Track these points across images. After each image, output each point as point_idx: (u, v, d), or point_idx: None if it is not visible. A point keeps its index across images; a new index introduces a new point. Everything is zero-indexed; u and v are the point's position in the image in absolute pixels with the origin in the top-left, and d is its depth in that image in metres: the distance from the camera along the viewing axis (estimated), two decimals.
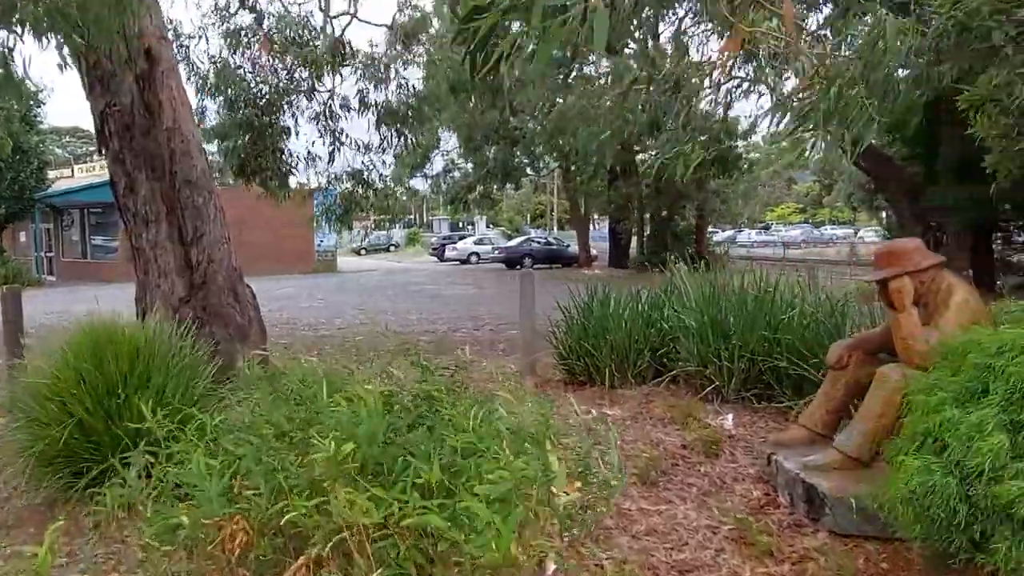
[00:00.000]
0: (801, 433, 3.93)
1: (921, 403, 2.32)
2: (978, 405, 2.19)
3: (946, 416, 2.20)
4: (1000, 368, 2.22)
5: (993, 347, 2.30)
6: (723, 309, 5.62)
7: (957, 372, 2.45)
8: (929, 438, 2.25)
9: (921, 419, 2.29)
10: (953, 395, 2.28)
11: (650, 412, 5.35)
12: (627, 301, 6.44)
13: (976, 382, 2.26)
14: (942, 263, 3.47)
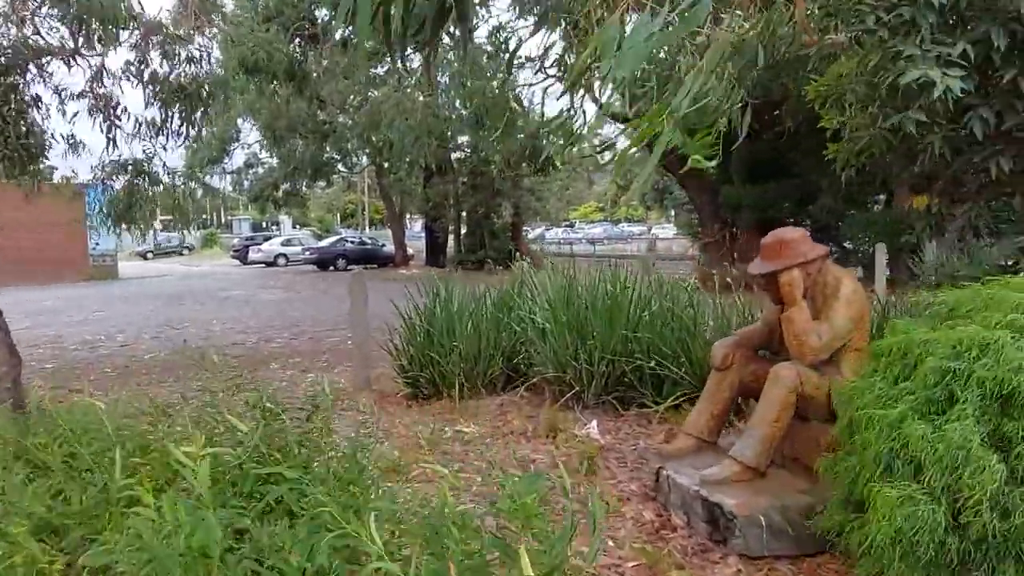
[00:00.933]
0: (687, 442, 3.61)
1: (879, 418, 1.98)
2: (948, 418, 1.90)
3: (914, 433, 1.88)
4: (964, 372, 1.94)
5: (947, 349, 2.03)
6: (579, 308, 5.25)
7: (901, 377, 2.16)
8: (897, 460, 1.91)
9: (882, 437, 1.95)
10: (913, 407, 1.97)
11: (509, 426, 4.83)
12: (473, 302, 5.88)
13: (938, 390, 1.97)
14: (827, 253, 3.30)
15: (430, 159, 21.06)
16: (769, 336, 3.61)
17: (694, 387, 4.81)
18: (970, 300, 2.31)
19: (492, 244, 24.46)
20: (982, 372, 1.91)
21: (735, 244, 16.96)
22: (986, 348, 1.96)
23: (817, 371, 3.20)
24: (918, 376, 2.06)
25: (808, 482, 3.18)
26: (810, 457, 3.24)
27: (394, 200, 29.64)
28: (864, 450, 2.04)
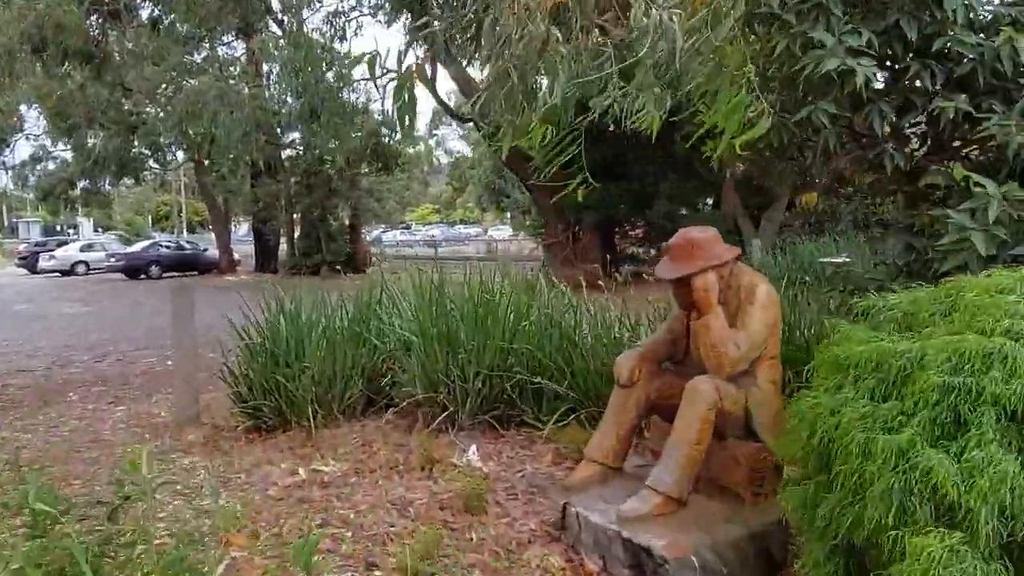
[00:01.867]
0: (591, 470, 3.19)
1: (883, 445, 1.63)
2: (966, 444, 1.59)
3: (936, 464, 1.55)
4: (971, 389, 1.65)
5: (943, 361, 1.73)
6: (449, 318, 4.69)
7: (879, 394, 1.85)
8: (913, 498, 1.56)
9: (885, 468, 1.61)
10: (918, 431, 1.64)
11: (376, 459, 4.16)
12: (323, 313, 5.11)
13: (942, 410, 1.66)
14: (740, 255, 3.02)
15: (258, 156, 19.40)
16: (673, 346, 3.28)
17: (578, 401, 4.45)
18: (929, 305, 2.06)
19: (330, 247, 23.08)
20: (996, 388, 1.62)
21: (578, 244, 17.23)
22: (989, 360, 1.69)
23: (734, 384, 2.90)
24: (911, 394, 1.75)
25: (730, 507, 2.88)
26: (729, 478, 2.95)
27: (218, 200, 27.12)
28: (862, 485, 1.69)
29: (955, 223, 2.75)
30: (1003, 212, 2.67)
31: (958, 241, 2.76)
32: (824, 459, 1.91)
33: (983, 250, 2.66)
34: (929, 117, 3.16)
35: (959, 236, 2.76)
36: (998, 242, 2.66)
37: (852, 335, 2.13)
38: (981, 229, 2.70)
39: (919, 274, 3.32)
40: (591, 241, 17.08)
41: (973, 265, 2.74)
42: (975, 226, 2.71)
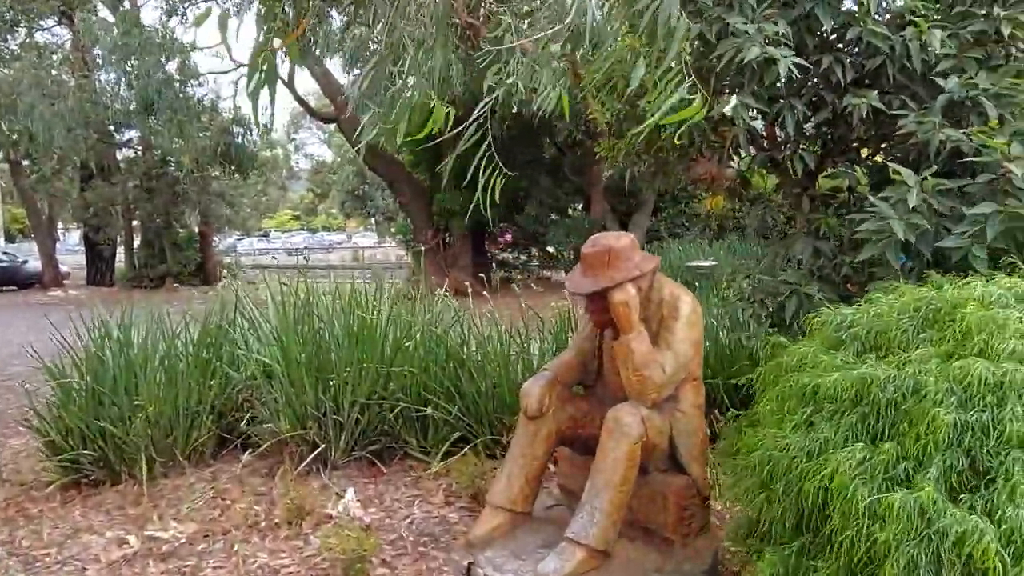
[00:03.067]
0: (497, 519, 2.71)
1: (895, 505, 1.29)
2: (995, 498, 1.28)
3: (970, 530, 1.22)
4: (988, 427, 1.35)
5: (944, 393, 1.43)
6: (318, 340, 4.05)
7: (865, 432, 1.53)
8: (944, 572, 1.23)
9: (904, 534, 1.27)
10: (936, 484, 1.31)
11: (231, 515, 3.45)
12: (163, 338, 4.28)
13: (953, 453, 1.35)
14: (659, 264, 2.67)
15: (88, 156, 17.24)
16: (584, 368, 2.89)
17: (468, 427, 3.98)
18: (898, 320, 1.78)
19: (176, 257, 21.00)
20: (1019, 426, 1.33)
21: (448, 251, 16.77)
22: (1001, 391, 1.40)
23: (658, 411, 2.55)
24: (914, 435, 1.43)
25: (659, 553, 2.52)
26: (656, 519, 2.59)
27: (39, 206, 23.92)
28: (872, 555, 1.34)
29: (877, 211, 2.56)
30: (922, 202, 2.51)
31: (877, 229, 2.58)
32: (807, 516, 1.55)
33: (901, 235, 2.49)
34: (837, 115, 3.00)
35: (878, 224, 2.58)
36: (919, 231, 2.50)
37: (812, 358, 1.80)
38: (900, 217, 2.52)
39: (828, 278, 3.16)
40: (462, 247, 16.67)
41: (890, 254, 2.57)
42: (895, 215, 2.53)
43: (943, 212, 2.48)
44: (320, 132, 48.25)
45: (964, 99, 2.71)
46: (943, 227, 2.49)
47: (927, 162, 2.63)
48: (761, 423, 1.96)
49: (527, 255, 18.31)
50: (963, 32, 2.79)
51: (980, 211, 2.35)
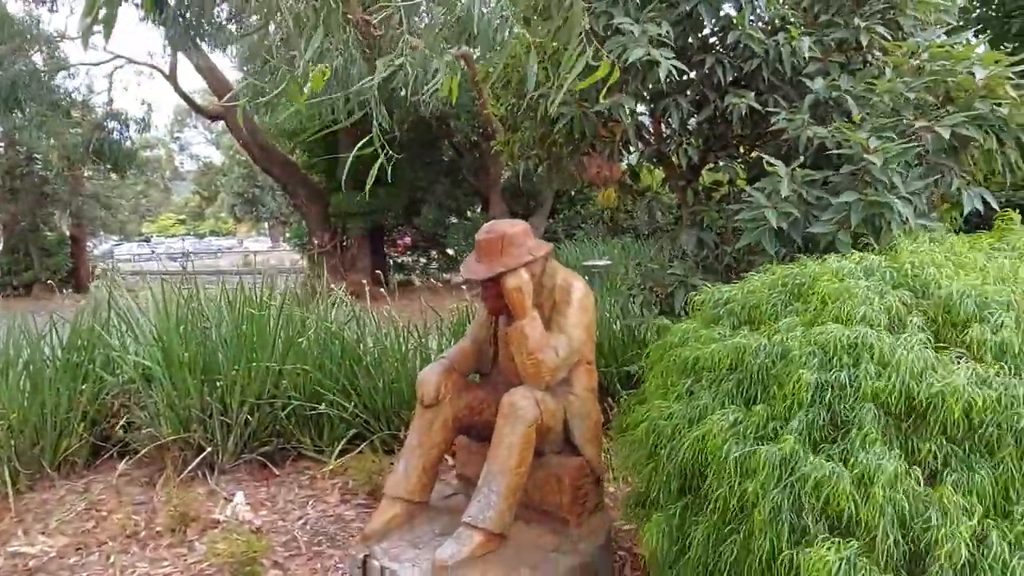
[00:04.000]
0: (394, 510, 2.66)
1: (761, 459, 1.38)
2: (850, 447, 1.39)
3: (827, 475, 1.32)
4: (845, 385, 1.47)
5: (809, 357, 1.54)
6: (203, 340, 3.86)
7: (740, 397, 1.63)
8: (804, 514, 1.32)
9: (769, 484, 1.35)
10: (798, 437, 1.41)
11: (107, 526, 3.22)
12: (26, 343, 3.94)
13: (817, 410, 1.46)
14: (552, 250, 2.72)
15: None
16: (480, 356, 2.91)
17: (365, 424, 3.91)
18: (768, 295, 1.91)
19: (45, 263, 19.37)
20: (871, 383, 1.45)
21: (345, 254, 16.40)
22: (856, 352, 1.53)
23: (552, 394, 2.60)
24: (781, 396, 1.53)
25: (555, 533, 2.56)
26: (552, 500, 2.64)
27: None
28: (743, 507, 1.42)
29: (753, 201, 2.74)
30: (794, 192, 2.71)
31: (753, 218, 2.75)
32: (688, 478, 1.63)
33: (774, 223, 2.66)
34: (719, 113, 3.18)
35: (754, 213, 2.75)
36: (791, 219, 2.68)
37: (693, 333, 1.90)
38: (773, 206, 2.70)
39: (712, 268, 3.34)
40: (360, 250, 16.34)
41: (766, 241, 2.74)
42: (768, 204, 2.71)
43: (811, 201, 2.68)
44: (207, 132, 45.97)
45: (828, 99, 2.94)
46: (812, 215, 2.69)
47: (797, 156, 2.83)
48: (648, 399, 2.05)
49: (426, 257, 18.18)
50: (827, 39, 3.02)
51: (844, 200, 2.55)
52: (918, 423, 1.43)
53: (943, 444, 1.39)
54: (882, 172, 2.45)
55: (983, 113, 2.56)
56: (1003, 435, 1.36)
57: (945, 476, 1.36)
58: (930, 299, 1.71)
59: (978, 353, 1.52)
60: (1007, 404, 1.38)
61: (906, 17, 3.05)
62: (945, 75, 2.66)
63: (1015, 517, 1.29)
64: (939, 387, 1.41)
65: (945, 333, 1.63)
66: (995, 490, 1.32)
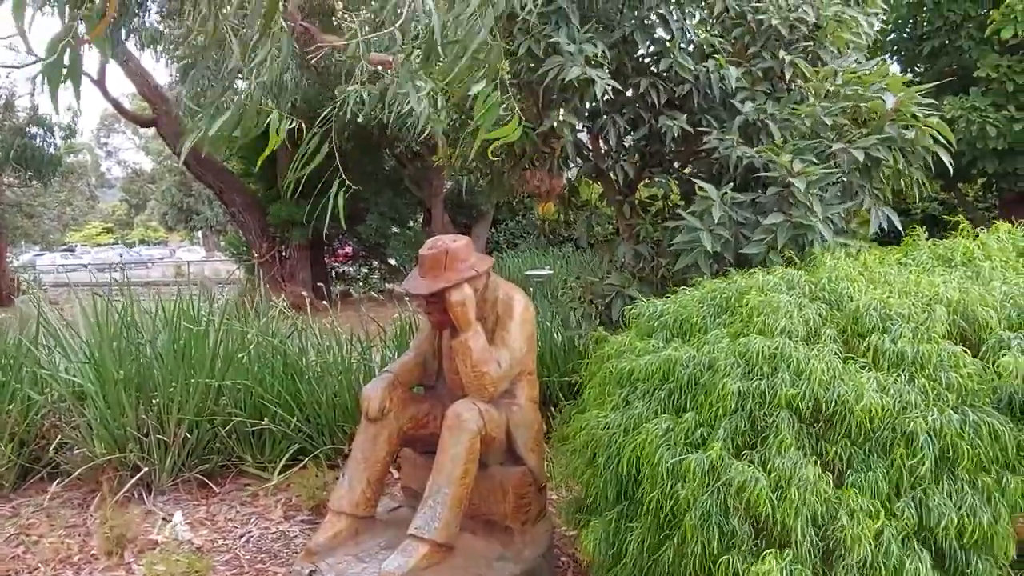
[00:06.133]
0: (339, 525, 2.67)
1: (692, 465, 1.48)
2: (767, 453, 1.50)
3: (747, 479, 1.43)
4: (764, 394, 1.59)
5: (732, 367, 1.66)
6: (138, 356, 3.77)
7: (671, 406, 1.73)
8: (730, 517, 1.43)
9: (700, 490, 1.45)
10: (724, 444, 1.52)
11: (38, 551, 3.11)
12: None
13: (739, 418, 1.57)
14: (493, 265, 2.80)
15: None
16: (423, 368, 2.95)
17: (308, 438, 3.89)
18: (698, 308, 2.03)
19: None
20: (787, 391, 1.58)
21: (285, 264, 16.09)
22: (775, 361, 1.65)
23: (495, 405, 2.67)
24: (708, 404, 1.64)
25: (499, 542, 2.62)
26: (496, 510, 2.70)
27: None
28: (675, 511, 1.52)
29: (687, 225, 2.87)
30: (724, 214, 2.86)
31: (689, 240, 2.89)
32: (624, 484, 1.72)
33: (709, 247, 2.81)
34: (653, 132, 3.32)
35: (690, 236, 2.89)
36: (722, 240, 2.83)
37: (629, 345, 2.00)
38: (707, 229, 2.85)
39: (648, 279, 3.48)
40: (299, 260, 16.06)
41: (702, 262, 2.88)
42: (702, 227, 2.86)
43: (740, 221, 2.83)
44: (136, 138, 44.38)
45: (756, 121, 3.11)
46: (742, 234, 2.84)
47: (728, 174, 2.98)
48: (587, 408, 2.14)
49: (368, 268, 18.01)
50: (755, 69, 3.21)
51: (772, 222, 2.71)
52: (826, 427, 1.56)
53: (847, 446, 1.52)
54: (805, 195, 2.62)
55: (892, 136, 2.76)
56: (896, 438, 1.50)
57: (847, 476, 1.49)
58: (843, 310, 1.86)
59: (879, 362, 1.67)
60: (899, 409, 1.52)
61: (825, 50, 3.27)
62: (858, 99, 2.86)
63: (902, 514, 1.43)
64: (845, 394, 1.54)
65: (854, 343, 1.78)
66: (888, 487, 1.46)
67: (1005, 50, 7.36)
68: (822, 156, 2.79)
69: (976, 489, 1.51)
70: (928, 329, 1.70)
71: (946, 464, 1.53)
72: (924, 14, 8.25)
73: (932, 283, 1.90)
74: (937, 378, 1.62)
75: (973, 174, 7.97)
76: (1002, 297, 1.82)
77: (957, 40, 7.92)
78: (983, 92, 7.41)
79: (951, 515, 1.46)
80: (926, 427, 1.52)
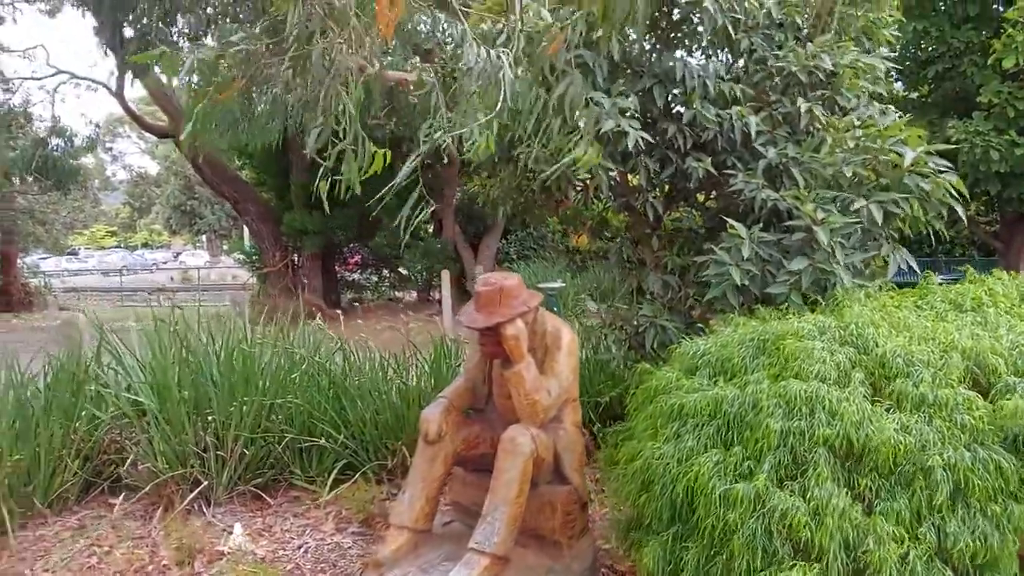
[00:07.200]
0: (401, 539, 2.92)
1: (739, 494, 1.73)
2: (807, 484, 1.75)
3: (789, 508, 1.68)
4: (804, 432, 1.84)
5: (776, 407, 1.91)
6: (196, 375, 4.03)
7: (720, 440, 1.98)
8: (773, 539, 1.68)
9: (747, 515, 1.71)
10: (769, 475, 1.77)
11: (111, 561, 3.36)
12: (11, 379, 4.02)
13: (781, 452, 1.82)
14: (542, 300, 3.05)
15: None
16: (473, 394, 3.21)
17: (353, 454, 4.13)
18: (738, 349, 2.28)
19: None
20: (824, 430, 1.83)
21: (298, 272, 16.35)
22: (811, 404, 1.90)
23: (545, 430, 2.92)
24: (753, 440, 1.89)
25: (549, 556, 2.87)
26: (546, 526, 2.95)
27: None
28: (726, 533, 1.77)
29: (717, 259, 3.13)
30: (752, 251, 3.11)
31: (718, 273, 3.14)
32: (678, 508, 1.97)
33: (738, 280, 3.06)
34: (680, 172, 3.58)
35: (719, 270, 3.15)
36: (750, 276, 3.08)
37: (676, 382, 2.25)
38: (736, 264, 3.10)
39: (677, 309, 3.73)
40: (312, 269, 16.32)
41: (730, 294, 3.13)
42: (731, 262, 3.11)
43: (766, 258, 3.09)
44: (141, 142, 44.64)
45: (779, 164, 3.37)
46: (768, 271, 3.09)
47: (753, 214, 3.24)
48: (636, 437, 2.39)
49: (378, 276, 18.26)
50: (775, 113, 3.47)
51: (796, 267, 2.96)
52: (857, 462, 1.82)
53: (875, 479, 1.78)
54: (828, 243, 2.87)
55: (911, 188, 3.02)
56: (916, 472, 1.76)
57: (876, 505, 1.75)
58: (869, 355, 2.11)
59: (903, 404, 1.93)
60: (919, 447, 1.78)
61: (842, 96, 3.53)
62: (876, 151, 3.11)
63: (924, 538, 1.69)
64: (872, 434, 1.80)
65: (880, 384, 2.03)
66: (910, 515, 1.72)
67: (1007, 77, 7.64)
68: (844, 207, 3.04)
69: (987, 517, 1.77)
70: (946, 375, 1.95)
71: (960, 495, 1.79)
72: (929, 40, 8.53)
73: (947, 330, 2.16)
74: (953, 419, 1.87)
75: (976, 193, 8.25)
76: (1009, 345, 2.08)
77: (961, 65, 8.20)
78: (985, 116, 7.69)
79: (966, 539, 1.71)
80: (942, 463, 1.78)
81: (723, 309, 3.17)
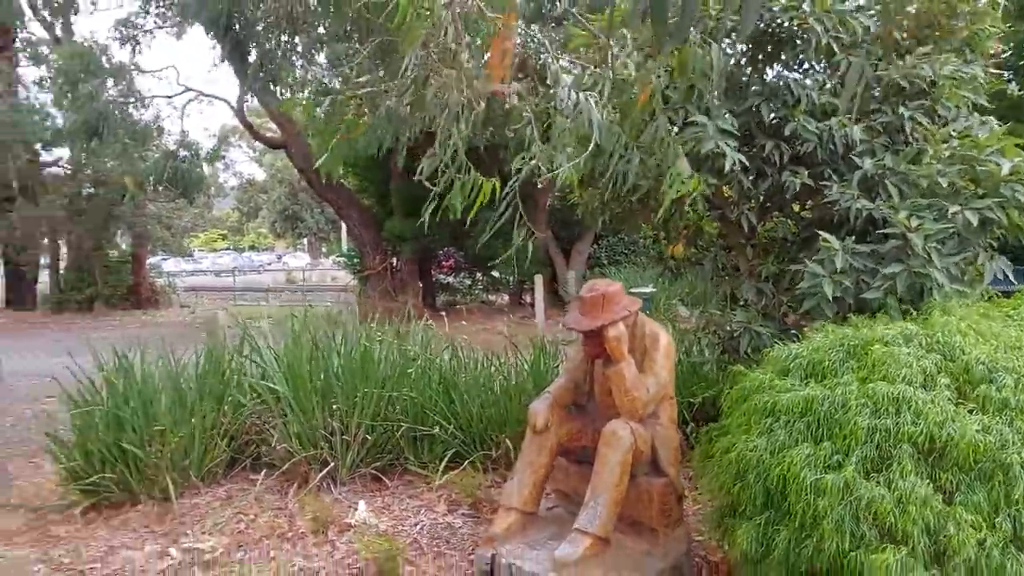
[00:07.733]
0: (511, 518, 3.25)
1: (828, 483, 1.93)
2: (891, 476, 1.94)
3: (876, 497, 1.86)
4: (891, 430, 2.02)
5: (863, 406, 2.09)
6: (323, 368, 4.51)
7: (810, 436, 2.18)
8: (860, 524, 1.87)
9: (835, 502, 1.90)
10: (857, 468, 1.96)
11: (256, 527, 3.85)
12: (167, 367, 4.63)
13: (868, 448, 2.01)
14: (641, 306, 3.31)
15: (12, 176, 16.82)
16: (576, 391, 3.49)
17: (462, 444, 4.50)
18: (829, 353, 2.46)
19: (107, 279, 20.53)
20: (909, 428, 2.00)
21: (396, 275, 17.13)
22: (898, 404, 2.07)
23: (643, 425, 3.17)
24: (842, 436, 2.08)
25: (647, 541, 3.11)
26: (643, 514, 3.19)
27: None
28: (816, 518, 1.97)
29: (810, 271, 3.27)
30: (846, 262, 3.23)
31: (812, 286, 3.29)
32: (770, 495, 2.18)
33: (830, 293, 3.19)
34: (777, 186, 3.73)
35: (812, 282, 3.29)
36: (843, 288, 3.21)
37: (769, 383, 2.45)
38: (828, 275, 3.23)
39: (771, 315, 3.88)
40: (409, 273, 17.07)
41: (825, 305, 3.26)
42: (824, 274, 3.25)
43: (860, 269, 3.21)
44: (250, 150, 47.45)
45: (875, 175, 3.47)
46: (862, 280, 3.21)
47: (847, 224, 3.36)
48: (730, 433, 2.60)
49: (471, 279, 18.84)
50: (874, 123, 3.57)
51: (891, 271, 3.07)
52: (939, 458, 1.98)
53: (956, 473, 1.94)
54: (923, 248, 2.97)
55: (1008, 196, 3.07)
56: (995, 468, 1.91)
57: (955, 496, 1.91)
58: (955, 362, 2.25)
59: (987, 407, 2.06)
60: (999, 446, 1.92)
61: (941, 105, 3.58)
62: (972, 162, 3.18)
63: (1000, 527, 1.83)
64: (954, 433, 1.96)
65: (965, 390, 2.17)
66: (989, 506, 1.87)
67: None
68: (939, 215, 3.12)
69: None
70: None
71: None
72: None
73: None
74: None
75: None
76: None
77: None
78: None
79: None
80: (1020, 460, 1.91)
81: (817, 318, 3.30)
